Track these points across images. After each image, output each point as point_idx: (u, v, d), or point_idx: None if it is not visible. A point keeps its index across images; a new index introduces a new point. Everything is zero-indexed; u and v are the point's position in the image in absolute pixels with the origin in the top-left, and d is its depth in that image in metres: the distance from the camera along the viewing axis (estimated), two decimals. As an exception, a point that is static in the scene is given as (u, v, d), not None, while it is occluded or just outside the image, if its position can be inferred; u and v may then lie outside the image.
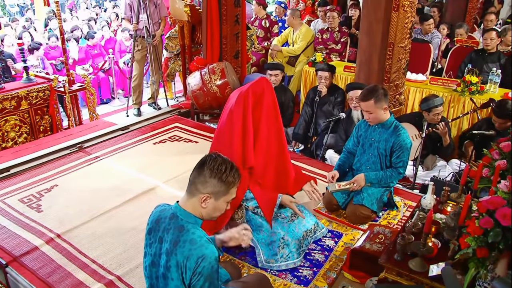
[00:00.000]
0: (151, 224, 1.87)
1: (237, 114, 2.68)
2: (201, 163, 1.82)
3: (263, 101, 2.72)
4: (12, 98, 4.71)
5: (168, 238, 1.75)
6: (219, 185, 1.78)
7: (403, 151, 3.10)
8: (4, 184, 3.78)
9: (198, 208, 1.80)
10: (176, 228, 1.76)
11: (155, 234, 1.82)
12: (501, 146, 2.42)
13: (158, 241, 1.79)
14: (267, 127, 2.75)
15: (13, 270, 2.75)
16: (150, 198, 3.56)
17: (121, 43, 7.31)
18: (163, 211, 1.87)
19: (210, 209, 1.81)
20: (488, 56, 4.97)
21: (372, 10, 4.03)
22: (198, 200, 1.79)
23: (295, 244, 2.78)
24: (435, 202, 2.57)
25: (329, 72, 4.61)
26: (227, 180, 1.79)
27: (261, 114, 2.72)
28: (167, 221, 1.80)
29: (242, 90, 2.75)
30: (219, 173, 1.77)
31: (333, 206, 3.32)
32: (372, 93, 3.03)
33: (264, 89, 2.73)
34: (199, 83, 5.10)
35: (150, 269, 1.85)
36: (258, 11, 6.61)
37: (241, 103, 2.68)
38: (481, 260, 1.72)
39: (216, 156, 1.83)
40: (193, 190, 1.80)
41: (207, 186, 1.77)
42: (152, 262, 1.83)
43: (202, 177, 1.78)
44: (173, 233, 1.75)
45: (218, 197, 1.80)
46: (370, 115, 3.10)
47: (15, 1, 12.64)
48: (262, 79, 2.80)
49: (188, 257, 1.69)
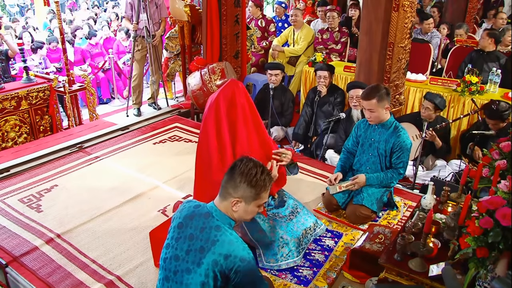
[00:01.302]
0: (183, 219, 1.86)
1: (210, 122, 2.70)
2: (232, 167, 1.85)
3: (236, 102, 2.73)
4: (12, 98, 4.71)
5: (204, 237, 1.77)
6: (249, 190, 1.80)
7: (403, 152, 3.10)
8: (4, 184, 3.78)
9: (230, 211, 1.84)
10: (213, 227, 1.78)
11: (186, 230, 1.83)
12: (501, 146, 2.42)
13: (189, 238, 1.80)
14: (245, 126, 2.76)
15: (13, 270, 2.75)
16: (150, 198, 3.56)
17: (119, 44, 7.31)
18: (197, 208, 1.88)
19: (241, 212, 1.84)
20: (487, 55, 4.97)
21: (372, 10, 4.03)
22: (229, 204, 1.82)
23: (295, 242, 2.78)
24: (435, 202, 2.57)
25: (328, 72, 4.61)
26: (257, 185, 1.81)
27: (237, 115, 2.73)
28: (202, 220, 1.82)
29: (213, 97, 2.75)
30: (249, 178, 1.79)
31: (333, 206, 3.32)
32: (375, 92, 3.03)
33: (234, 91, 2.73)
34: (199, 83, 5.09)
35: (170, 262, 1.84)
36: (255, 12, 6.60)
37: (212, 111, 2.71)
38: (481, 260, 1.72)
39: (246, 160, 1.85)
40: (225, 194, 1.83)
41: (238, 191, 1.80)
42: (175, 256, 1.82)
43: (232, 182, 1.81)
44: (209, 232, 1.78)
45: (248, 201, 1.82)
46: (372, 114, 3.09)
47: (15, 1, 12.64)
48: (230, 81, 2.81)
49: (227, 256, 1.72)
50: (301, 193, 3.52)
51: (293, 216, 2.91)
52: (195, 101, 5.20)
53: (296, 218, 2.92)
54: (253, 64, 6.41)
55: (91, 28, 7.93)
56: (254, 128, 2.80)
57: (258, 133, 2.83)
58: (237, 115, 2.72)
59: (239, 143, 2.72)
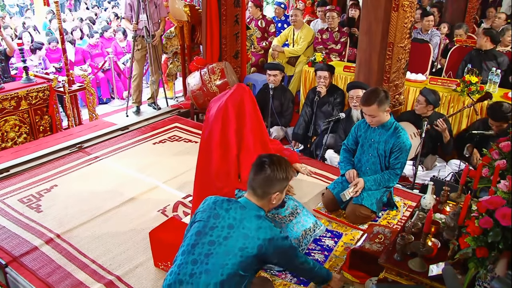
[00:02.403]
0: (218, 210, 2.03)
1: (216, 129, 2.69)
2: (260, 167, 2.03)
3: (245, 109, 2.74)
4: (12, 98, 4.71)
5: (246, 225, 1.97)
6: (285, 182, 2.07)
7: (402, 153, 3.09)
8: (4, 184, 3.77)
9: (266, 205, 2.08)
10: (252, 217, 1.99)
11: (224, 220, 2.00)
12: (500, 146, 2.42)
13: (227, 227, 1.98)
14: (252, 132, 2.78)
15: (13, 270, 2.75)
16: (150, 198, 3.56)
17: (116, 45, 7.30)
18: (231, 202, 2.06)
19: (277, 201, 2.10)
20: (485, 54, 4.98)
21: (372, 10, 4.03)
22: (268, 200, 2.05)
23: (294, 243, 2.78)
24: (435, 202, 2.57)
25: (328, 72, 4.60)
26: (290, 175, 2.09)
27: (245, 122, 2.75)
28: (239, 211, 2.01)
29: (221, 103, 2.73)
30: (283, 173, 2.03)
31: (332, 206, 3.32)
32: (374, 97, 3.00)
33: (243, 97, 2.73)
34: (198, 83, 5.09)
35: (202, 247, 1.97)
36: (255, 13, 6.60)
37: (219, 118, 2.69)
38: (480, 260, 1.72)
39: (271, 158, 2.05)
40: (261, 194, 2.04)
41: (275, 187, 2.03)
42: (210, 241, 1.97)
43: (268, 181, 2.01)
44: (250, 220, 1.98)
45: (283, 190, 2.10)
46: (373, 119, 3.08)
47: (14, 1, 12.64)
48: (238, 87, 2.80)
49: (271, 239, 1.96)
50: (301, 193, 3.52)
51: (293, 217, 2.91)
52: (195, 101, 5.21)
53: (296, 219, 2.92)
54: (253, 64, 6.41)
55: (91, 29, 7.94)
56: (258, 136, 2.83)
57: (261, 141, 2.86)
58: (245, 123, 2.74)
59: (244, 150, 2.72)
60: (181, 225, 2.78)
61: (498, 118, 3.68)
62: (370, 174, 3.24)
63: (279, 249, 1.99)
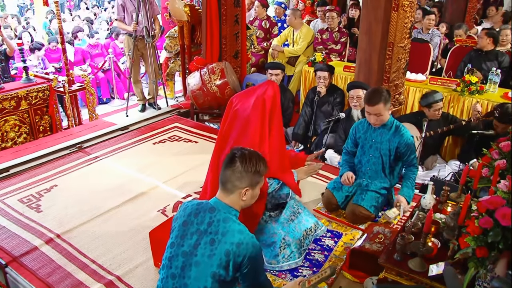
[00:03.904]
0: (187, 217, 1.93)
1: (255, 121, 2.65)
2: (230, 161, 1.93)
3: (276, 103, 2.75)
4: (12, 98, 4.71)
5: (213, 230, 1.85)
6: (255, 176, 1.94)
7: (412, 148, 3.11)
8: (4, 184, 3.77)
9: (237, 202, 1.95)
10: (221, 220, 1.87)
11: (192, 226, 1.90)
12: (500, 146, 2.43)
13: (196, 233, 1.87)
14: (278, 126, 2.79)
15: (13, 270, 2.75)
16: (150, 198, 3.56)
17: (115, 46, 7.29)
18: (201, 205, 1.95)
19: (248, 199, 1.97)
20: (486, 55, 4.97)
21: (372, 10, 4.03)
22: (237, 195, 1.93)
23: (296, 244, 2.79)
24: (435, 202, 2.57)
25: (328, 72, 4.60)
26: (261, 170, 1.96)
27: (275, 116, 2.75)
28: (207, 214, 1.90)
29: (258, 95, 2.72)
30: (253, 166, 1.92)
31: (332, 206, 3.32)
32: (379, 96, 2.99)
33: (276, 93, 2.75)
34: (198, 83, 5.09)
35: (177, 259, 1.88)
36: (261, 12, 6.61)
37: (258, 109, 2.66)
38: (480, 260, 1.72)
39: (242, 151, 1.95)
40: (230, 188, 1.92)
41: (244, 181, 1.91)
42: (183, 252, 1.87)
43: (237, 174, 1.90)
44: (218, 224, 1.86)
45: (254, 186, 1.97)
46: (378, 118, 3.05)
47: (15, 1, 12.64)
48: (273, 85, 2.80)
49: (239, 244, 1.81)
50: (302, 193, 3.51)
51: (294, 217, 2.91)
52: (195, 101, 5.20)
53: (298, 219, 2.92)
54: (253, 64, 6.41)
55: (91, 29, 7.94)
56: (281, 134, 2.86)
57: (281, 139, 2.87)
58: (275, 116, 2.74)
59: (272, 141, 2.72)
60: (181, 225, 2.78)
61: (506, 120, 3.65)
62: (371, 175, 3.24)
63: (248, 254, 1.81)
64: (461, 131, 4.01)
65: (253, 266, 1.86)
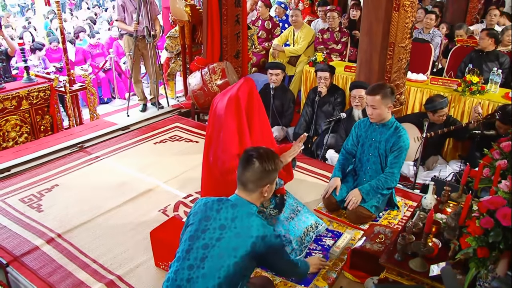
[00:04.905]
0: (208, 212, 2.00)
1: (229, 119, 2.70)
2: (248, 162, 2.01)
3: (254, 101, 2.78)
4: (13, 98, 4.72)
5: (238, 224, 1.95)
6: (274, 173, 2.05)
7: (402, 152, 3.07)
8: (5, 183, 3.78)
9: (258, 199, 2.06)
10: (244, 215, 1.97)
11: (215, 221, 1.97)
12: (501, 146, 2.42)
13: (219, 228, 1.96)
14: (260, 122, 2.84)
15: (14, 270, 2.76)
16: (151, 198, 3.56)
17: (118, 46, 7.30)
18: (221, 202, 2.02)
19: (269, 194, 2.08)
20: (486, 55, 4.97)
21: (373, 10, 4.03)
22: (259, 193, 2.04)
23: (297, 241, 2.80)
24: (436, 202, 2.57)
25: (329, 73, 4.60)
26: (278, 166, 2.09)
27: (253, 113, 2.80)
28: (230, 210, 1.98)
29: (231, 94, 2.76)
30: (272, 164, 2.02)
31: (333, 206, 3.32)
32: (380, 88, 3.02)
33: (252, 88, 2.81)
34: (199, 83, 5.09)
35: (197, 251, 1.94)
36: (264, 13, 6.61)
37: (232, 108, 2.70)
38: (481, 260, 1.72)
39: (258, 151, 2.03)
40: (252, 188, 2.02)
41: (265, 179, 2.02)
42: (204, 244, 1.95)
43: (258, 174, 1.99)
44: (242, 219, 1.96)
45: (273, 181, 2.09)
46: (374, 111, 3.06)
47: (15, 1, 12.66)
48: (247, 80, 2.86)
49: (263, 237, 1.93)
50: (302, 193, 3.52)
51: (294, 215, 2.92)
52: (196, 101, 5.20)
53: (297, 217, 2.93)
54: (254, 64, 6.41)
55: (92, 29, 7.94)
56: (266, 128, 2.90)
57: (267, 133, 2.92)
58: (254, 113, 2.79)
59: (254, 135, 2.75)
60: (181, 225, 2.75)
61: (507, 121, 3.63)
62: (371, 174, 3.24)
63: (271, 247, 1.97)
64: (461, 134, 4.00)
65: (277, 255, 2.03)
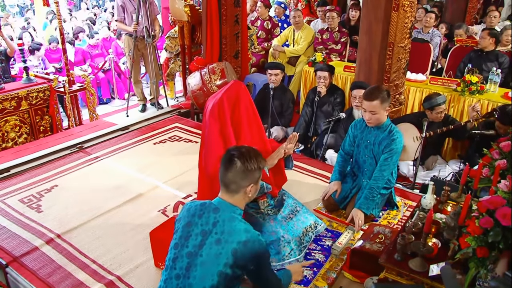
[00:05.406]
0: (191, 218, 1.94)
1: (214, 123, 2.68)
2: (230, 162, 1.92)
3: (240, 104, 2.74)
4: (12, 98, 4.71)
5: (219, 230, 1.86)
6: (257, 172, 1.96)
7: (393, 155, 3.03)
8: (4, 184, 3.78)
9: (242, 200, 1.97)
10: (226, 219, 1.88)
11: (196, 227, 1.90)
12: (501, 146, 2.42)
13: (201, 234, 1.88)
14: (249, 124, 2.79)
15: (13, 270, 2.76)
16: (150, 198, 3.56)
17: (117, 46, 7.30)
18: (204, 206, 1.95)
19: (253, 193, 1.99)
20: (486, 55, 4.97)
21: (372, 10, 4.03)
22: (243, 194, 1.95)
23: (296, 241, 2.79)
24: (435, 202, 2.57)
25: (328, 72, 4.60)
26: (262, 165, 1.99)
27: (241, 115, 2.75)
28: (212, 215, 1.91)
29: (216, 98, 2.74)
30: (254, 163, 1.93)
31: (332, 206, 3.31)
32: (377, 93, 2.97)
33: (239, 92, 2.74)
34: (199, 83, 5.09)
35: (182, 260, 1.88)
36: (263, 13, 6.61)
37: (215, 112, 2.69)
38: (481, 260, 1.72)
39: (240, 150, 1.96)
40: (235, 188, 1.93)
41: (248, 179, 1.93)
42: (188, 253, 1.88)
43: (240, 174, 1.91)
44: (223, 224, 1.87)
45: (257, 181, 1.99)
46: (373, 116, 3.02)
47: (15, 1, 12.66)
48: (234, 83, 2.82)
49: (245, 242, 1.83)
50: (301, 193, 3.52)
51: (293, 215, 2.91)
52: (195, 101, 5.21)
53: (296, 217, 2.92)
54: (253, 64, 6.41)
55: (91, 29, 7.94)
56: (256, 131, 2.83)
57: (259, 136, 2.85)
58: (241, 116, 2.74)
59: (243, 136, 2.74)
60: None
61: (506, 121, 3.62)
62: (370, 175, 3.23)
63: (255, 254, 1.84)
64: (460, 133, 3.99)
65: (260, 264, 1.89)
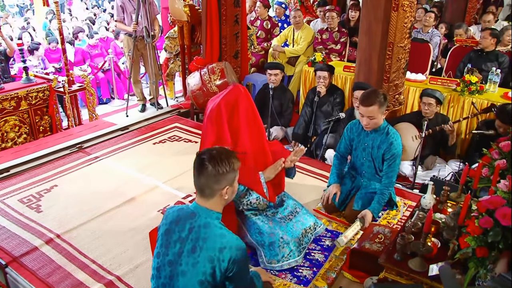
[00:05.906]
0: (169, 225, 1.89)
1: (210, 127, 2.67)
2: (201, 166, 1.84)
3: (239, 108, 2.72)
4: (12, 98, 4.71)
5: (194, 236, 1.80)
6: (231, 174, 1.87)
7: (395, 160, 3.04)
8: (4, 184, 3.77)
9: (219, 203, 1.89)
10: (201, 225, 1.82)
11: (173, 234, 1.85)
12: (500, 146, 2.43)
13: (179, 241, 1.83)
14: (248, 129, 2.76)
15: (13, 270, 2.75)
16: (150, 198, 3.56)
17: (115, 46, 7.30)
18: (181, 211, 1.90)
19: (230, 195, 1.92)
20: (486, 55, 4.97)
21: (372, 10, 4.03)
22: (218, 197, 1.87)
23: (295, 242, 2.78)
24: (435, 202, 2.57)
25: (328, 72, 4.60)
26: (235, 166, 1.89)
27: (240, 121, 2.72)
28: (188, 221, 1.85)
29: (214, 103, 2.72)
30: (226, 165, 1.84)
31: (332, 208, 3.30)
32: (375, 97, 2.93)
33: (238, 97, 2.71)
34: (198, 83, 5.09)
35: (164, 269, 1.85)
36: (263, 13, 6.61)
37: (213, 117, 2.67)
38: (480, 260, 1.72)
39: (210, 152, 1.86)
40: (210, 193, 1.86)
41: (222, 182, 1.85)
42: (169, 261, 1.84)
43: (212, 178, 1.83)
44: (198, 230, 1.81)
45: (233, 182, 1.91)
46: (371, 121, 2.99)
47: (14, 1, 12.66)
48: (234, 88, 2.79)
49: (221, 249, 1.76)
50: (301, 193, 3.52)
51: (292, 216, 2.91)
52: (195, 101, 5.21)
53: (296, 218, 2.91)
54: (253, 64, 6.41)
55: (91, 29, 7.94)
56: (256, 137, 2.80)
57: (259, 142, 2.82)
58: (240, 121, 2.71)
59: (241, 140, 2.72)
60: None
61: (506, 120, 3.62)
62: (368, 177, 3.24)
63: (233, 258, 1.77)
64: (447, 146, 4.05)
65: (238, 269, 1.80)
